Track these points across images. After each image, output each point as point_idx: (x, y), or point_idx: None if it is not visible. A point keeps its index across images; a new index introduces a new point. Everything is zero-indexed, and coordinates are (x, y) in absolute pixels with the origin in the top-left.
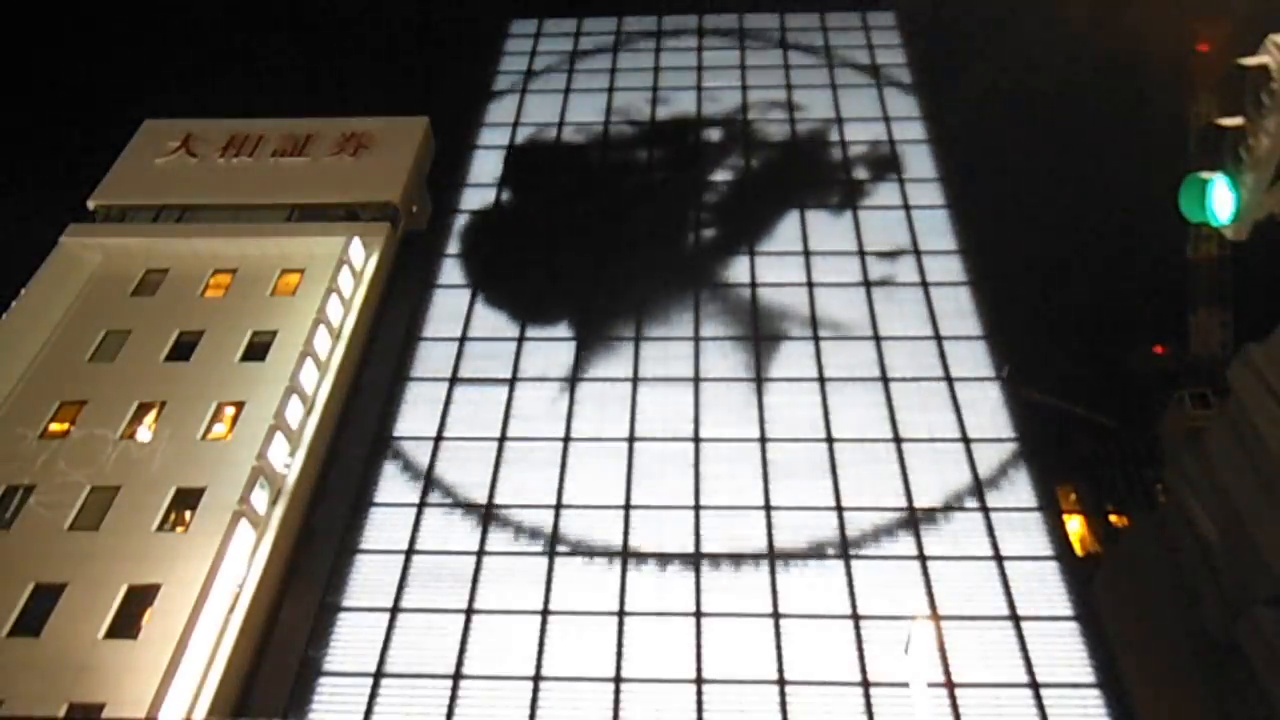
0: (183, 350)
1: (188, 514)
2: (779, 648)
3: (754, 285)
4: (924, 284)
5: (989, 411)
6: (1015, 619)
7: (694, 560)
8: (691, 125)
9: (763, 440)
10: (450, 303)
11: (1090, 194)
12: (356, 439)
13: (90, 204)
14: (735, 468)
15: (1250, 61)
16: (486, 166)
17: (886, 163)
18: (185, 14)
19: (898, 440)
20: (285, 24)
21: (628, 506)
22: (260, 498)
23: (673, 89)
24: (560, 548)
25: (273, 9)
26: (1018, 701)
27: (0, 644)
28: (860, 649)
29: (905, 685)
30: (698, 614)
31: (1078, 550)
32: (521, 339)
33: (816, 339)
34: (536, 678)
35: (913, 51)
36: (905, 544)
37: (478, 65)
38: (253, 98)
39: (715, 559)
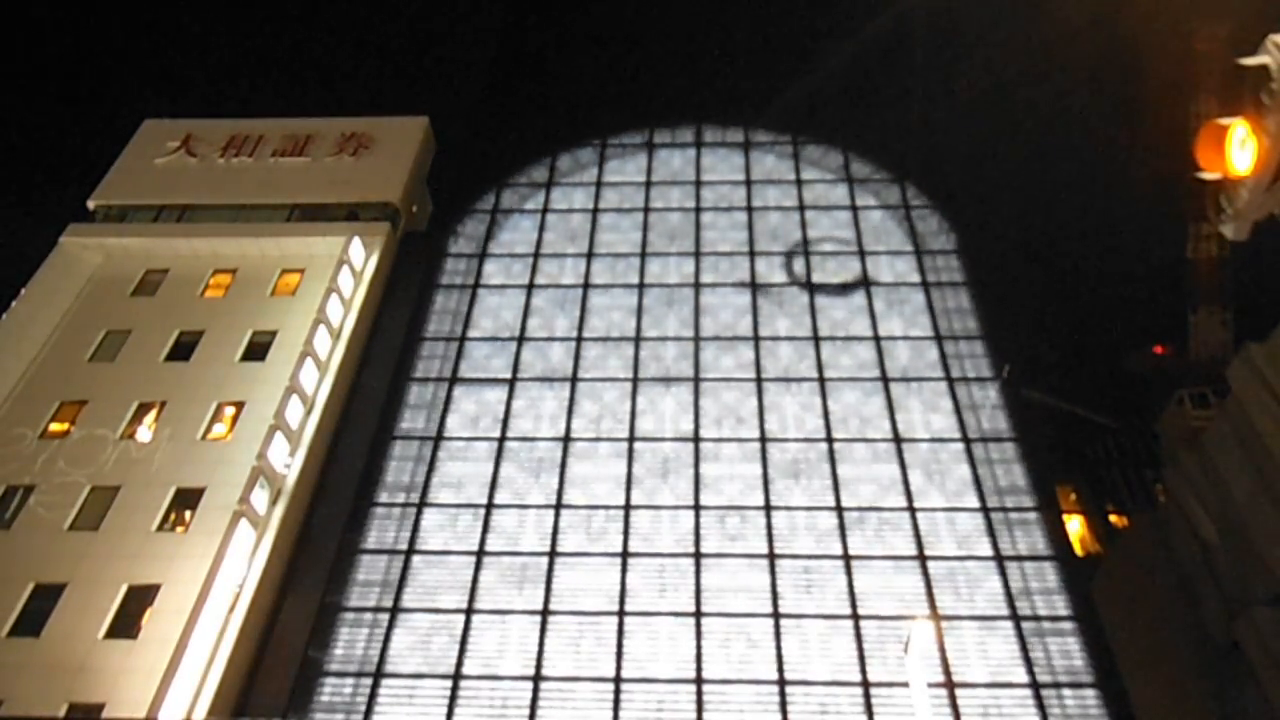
0: (183, 350)
1: (188, 514)
2: (779, 648)
3: (754, 285)
4: (924, 284)
5: (989, 411)
6: (1015, 619)
7: (694, 560)
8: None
9: (763, 440)
10: (450, 303)
11: (1090, 193)
12: (356, 439)
13: (90, 204)
14: (735, 468)
15: (1250, 61)
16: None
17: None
18: (185, 14)
19: (898, 440)
20: (286, 24)
21: (628, 507)
22: (260, 498)
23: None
24: (560, 548)
25: (273, 9)
26: (1018, 701)
27: (0, 644)
28: (860, 649)
29: (905, 685)
30: (697, 614)
31: (1078, 550)
32: (521, 339)
33: (816, 339)
34: (537, 678)
35: (911, 50)
36: (905, 544)
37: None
38: (253, 98)
39: (715, 559)
